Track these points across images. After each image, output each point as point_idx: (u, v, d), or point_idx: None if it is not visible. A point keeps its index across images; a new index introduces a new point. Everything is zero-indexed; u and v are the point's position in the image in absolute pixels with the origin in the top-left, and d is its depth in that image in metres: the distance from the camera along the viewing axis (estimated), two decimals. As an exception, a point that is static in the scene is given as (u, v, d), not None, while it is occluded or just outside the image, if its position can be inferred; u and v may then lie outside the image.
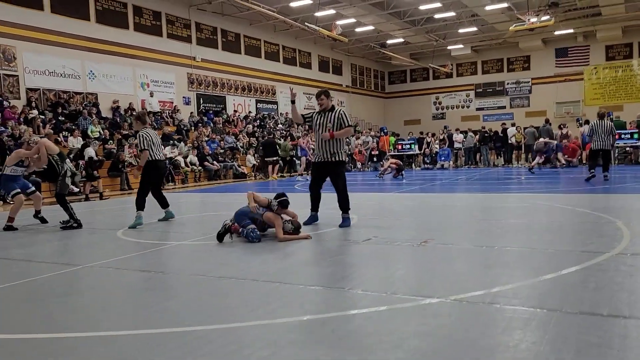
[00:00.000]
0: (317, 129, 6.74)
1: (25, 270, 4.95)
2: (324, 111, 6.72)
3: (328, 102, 6.71)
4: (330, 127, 6.58)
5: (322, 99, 6.70)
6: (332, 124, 6.60)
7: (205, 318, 3.24)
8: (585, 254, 4.46)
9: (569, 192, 10.57)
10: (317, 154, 6.82)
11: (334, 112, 6.69)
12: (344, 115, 6.71)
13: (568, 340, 2.59)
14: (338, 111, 6.74)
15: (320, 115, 6.74)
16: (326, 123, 6.62)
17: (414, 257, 4.79)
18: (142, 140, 7.73)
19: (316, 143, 6.84)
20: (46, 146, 7.83)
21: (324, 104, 6.69)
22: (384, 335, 2.79)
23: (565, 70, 33.37)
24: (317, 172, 6.91)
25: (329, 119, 6.64)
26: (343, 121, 6.66)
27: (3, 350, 2.86)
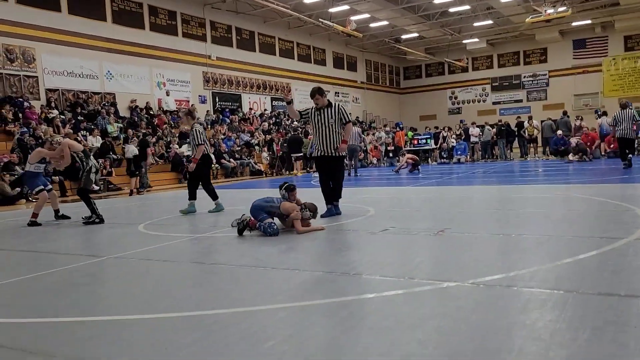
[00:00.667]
0: (317, 125, 6.91)
1: (51, 261, 5.09)
2: (321, 108, 6.89)
3: (323, 100, 6.90)
4: (332, 123, 6.80)
5: (317, 98, 6.85)
6: (333, 119, 6.81)
7: (228, 303, 3.33)
8: (604, 239, 4.46)
9: (588, 183, 10.48)
10: (319, 149, 6.97)
11: (333, 108, 6.88)
12: (343, 110, 6.94)
13: (585, 319, 2.63)
14: (337, 106, 6.94)
15: (319, 112, 6.90)
16: (327, 119, 6.82)
17: (431, 246, 4.83)
18: (198, 135, 8.26)
19: (317, 139, 6.98)
20: (70, 145, 8.05)
21: (320, 102, 6.87)
22: (403, 317, 2.85)
23: (583, 62, 32.97)
24: (324, 166, 7.08)
25: (329, 115, 6.83)
26: (343, 116, 6.90)
27: (35, 333, 2.97)
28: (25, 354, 2.63)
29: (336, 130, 6.86)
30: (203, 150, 8.27)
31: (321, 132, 6.89)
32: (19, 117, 15.95)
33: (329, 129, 6.84)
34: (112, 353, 2.54)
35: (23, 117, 15.98)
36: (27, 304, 3.64)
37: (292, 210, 5.80)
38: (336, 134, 6.85)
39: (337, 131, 6.86)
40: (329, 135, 6.85)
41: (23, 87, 17.15)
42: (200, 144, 8.25)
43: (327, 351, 2.43)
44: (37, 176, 8.33)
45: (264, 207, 5.91)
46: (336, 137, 6.86)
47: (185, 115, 8.81)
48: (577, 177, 12.10)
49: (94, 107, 18.81)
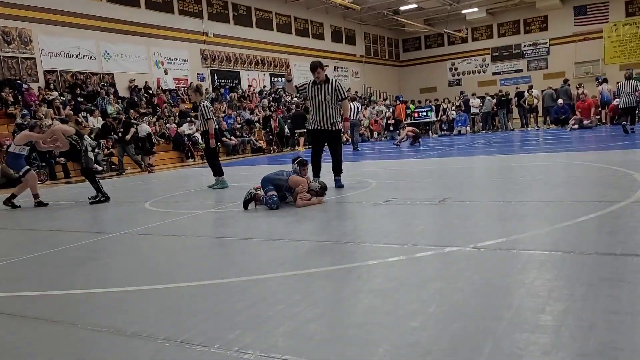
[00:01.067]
0: (314, 100, 7.00)
1: (62, 239, 5.22)
2: (320, 83, 6.98)
3: (323, 74, 7.01)
4: (329, 98, 6.93)
5: (319, 72, 6.94)
6: (330, 95, 6.94)
7: (237, 272, 3.45)
8: (601, 203, 4.57)
9: (587, 150, 10.56)
10: (316, 123, 7.08)
11: (331, 84, 7.00)
12: (340, 87, 7.08)
13: (581, 277, 2.74)
14: (334, 82, 7.05)
15: (317, 86, 7.00)
16: (324, 94, 6.95)
17: (433, 214, 4.94)
18: (206, 110, 8.42)
19: (314, 112, 7.08)
20: (63, 131, 8.11)
21: (320, 76, 6.96)
22: (407, 279, 2.97)
23: (584, 29, 32.59)
24: (319, 140, 7.20)
25: (327, 90, 6.95)
26: (340, 93, 7.04)
27: (55, 305, 3.11)
28: (48, 323, 2.76)
29: (333, 106, 6.99)
30: (213, 124, 8.44)
31: (318, 106, 7.01)
32: (18, 100, 15.97)
33: (326, 104, 6.97)
34: (130, 321, 2.67)
35: (23, 99, 15.99)
36: (44, 278, 3.77)
37: (300, 183, 5.87)
38: (333, 109, 7.00)
39: (333, 106, 7.00)
40: (326, 109, 6.98)
41: (21, 69, 17.11)
42: (209, 118, 8.41)
43: (334, 311, 2.55)
44: (20, 157, 8.31)
45: (272, 180, 6.00)
46: (333, 112, 7.00)
47: (194, 92, 8.92)
48: (577, 145, 12.16)
49: (93, 88, 18.79)
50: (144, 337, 2.43)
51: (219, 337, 2.35)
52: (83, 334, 2.56)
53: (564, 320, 2.22)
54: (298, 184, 5.88)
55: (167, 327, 2.53)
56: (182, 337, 2.39)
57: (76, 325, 2.68)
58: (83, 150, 8.08)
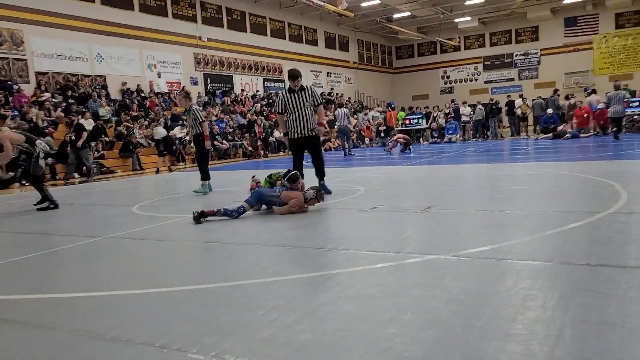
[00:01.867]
0: (292, 108, 7.11)
1: (47, 242, 5.23)
2: (296, 91, 7.12)
3: (300, 82, 7.19)
4: (307, 105, 7.10)
5: (299, 80, 7.12)
6: (309, 102, 7.11)
7: (220, 277, 3.49)
8: (582, 213, 4.64)
9: (574, 161, 10.68)
10: (295, 131, 7.17)
11: (307, 91, 7.17)
12: (316, 93, 7.30)
13: (554, 286, 2.80)
14: (310, 89, 7.24)
15: (294, 94, 7.12)
16: (303, 101, 7.09)
17: (418, 222, 5.00)
18: (199, 114, 8.61)
19: (293, 121, 7.15)
20: (10, 139, 7.55)
21: (299, 84, 7.13)
22: (386, 286, 3.02)
23: (575, 40, 33.00)
24: (299, 147, 7.30)
25: (305, 97, 7.11)
26: (316, 99, 7.22)
27: (36, 309, 3.12)
28: (28, 328, 2.78)
29: (310, 112, 7.16)
30: (207, 127, 8.65)
31: (298, 114, 7.13)
32: (9, 101, 15.90)
33: (305, 111, 7.11)
34: (110, 325, 2.69)
35: (13, 100, 15.93)
36: (27, 281, 3.78)
37: (294, 197, 5.74)
38: (310, 116, 7.16)
39: (311, 113, 7.16)
40: (306, 116, 7.12)
41: (12, 71, 17.06)
42: (203, 121, 8.60)
43: (311, 317, 2.59)
44: None
45: (263, 196, 5.92)
46: (312, 118, 7.18)
47: (184, 98, 8.87)
48: (564, 155, 12.30)
49: (85, 90, 18.75)
50: (122, 342, 2.46)
51: (197, 342, 2.38)
52: (62, 339, 2.58)
53: (533, 329, 2.27)
54: (291, 198, 5.78)
55: (147, 331, 2.56)
56: (161, 341, 2.42)
57: (56, 329, 2.70)
58: (34, 157, 7.66)
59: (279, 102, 7.27)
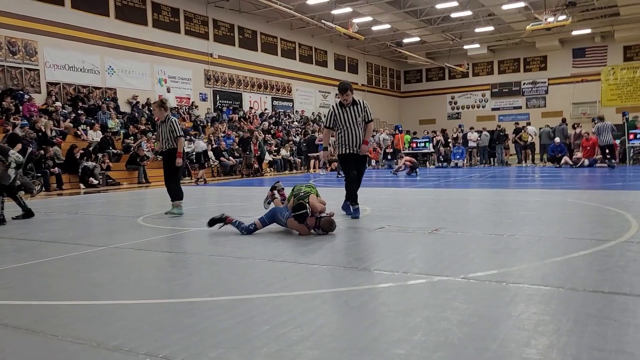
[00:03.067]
0: (343, 123, 6.70)
1: (51, 250, 5.19)
2: (347, 105, 6.69)
3: (352, 96, 6.73)
4: (359, 121, 6.68)
5: (348, 94, 6.65)
6: (361, 117, 6.70)
7: (225, 291, 3.43)
8: (592, 241, 4.58)
9: (582, 189, 10.61)
10: (346, 147, 6.75)
11: (359, 105, 6.73)
12: (368, 108, 6.82)
13: (568, 312, 2.73)
14: (362, 103, 6.78)
15: (345, 109, 6.70)
16: (355, 116, 6.68)
17: (425, 243, 4.94)
18: (177, 128, 7.69)
19: (344, 136, 6.74)
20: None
21: (349, 99, 6.67)
22: (395, 306, 2.96)
23: (582, 71, 33.16)
24: (351, 163, 6.84)
25: (357, 112, 6.68)
26: (367, 114, 6.78)
27: (37, 315, 3.07)
28: (29, 333, 2.72)
29: (362, 128, 6.74)
30: (183, 143, 7.75)
31: (349, 130, 6.69)
32: (19, 109, 16.02)
33: (357, 127, 6.69)
34: (112, 334, 2.64)
35: (23, 109, 16.04)
36: (29, 288, 3.73)
37: (300, 229, 5.52)
38: (362, 132, 6.74)
39: (363, 128, 6.75)
40: (357, 132, 6.70)
41: (24, 80, 17.22)
42: (180, 136, 7.67)
43: (318, 334, 2.53)
44: None
45: (275, 216, 5.74)
46: (362, 134, 6.75)
47: (158, 107, 7.88)
48: (571, 183, 12.23)
49: (95, 102, 18.89)
50: (125, 352, 2.40)
51: (201, 355, 2.32)
52: (63, 346, 2.53)
53: (548, 354, 2.20)
54: (295, 228, 5.58)
55: (150, 342, 2.50)
56: (164, 352, 2.36)
57: (57, 336, 2.65)
58: (6, 165, 7.44)
59: (329, 115, 6.87)
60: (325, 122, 7.05)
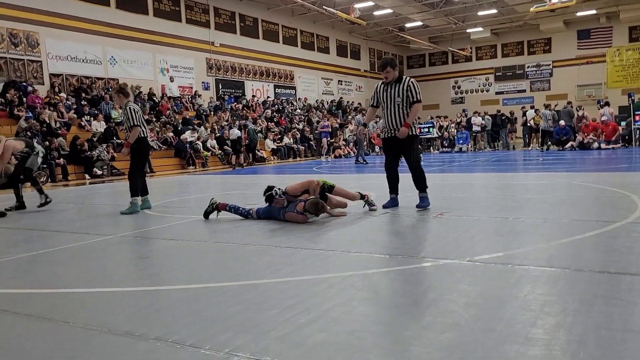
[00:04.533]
0: (384, 102, 6.15)
1: (59, 239, 5.23)
2: (390, 82, 6.09)
3: (394, 73, 6.05)
4: (399, 100, 6.01)
5: (388, 70, 6.02)
6: (401, 97, 6.00)
7: (232, 277, 3.46)
8: (598, 223, 4.58)
9: (588, 172, 10.58)
10: (387, 129, 6.20)
11: (402, 84, 6.03)
12: (413, 87, 6.02)
13: (574, 293, 2.75)
14: (406, 82, 6.04)
15: (387, 87, 6.12)
16: (394, 96, 6.04)
17: (430, 227, 4.95)
18: (133, 115, 6.88)
19: (384, 117, 6.21)
20: (13, 147, 7.55)
21: (390, 75, 6.04)
22: (401, 289, 2.98)
23: (587, 53, 32.83)
24: (390, 149, 6.30)
25: (397, 91, 6.02)
26: (411, 94, 5.99)
27: (48, 302, 3.11)
28: (40, 321, 2.76)
29: (404, 109, 6.03)
30: (139, 132, 6.94)
31: (388, 110, 6.10)
32: (23, 101, 16.05)
33: (395, 107, 6.04)
34: (122, 320, 2.67)
35: (27, 101, 16.07)
36: (39, 277, 3.77)
37: (297, 219, 5.46)
38: (404, 113, 6.03)
39: (404, 110, 6.03)
40: (396, 113, 6.04)
41: (27, 72, 17.22)
42: (135, 125, 6.87)
43: (326, 317, 2.55)
44: None
45: (270, 213, 5.71)
46: (404, 116, 6.03)
47: (117, 93, 7.18)
48: (577, 166, 12.19)
49: (98, 93, 18.89)
50: (135, 337, 2.43)
51: (211, 339, 2.35)
52: (75, 332, 2.56)
53: (555, 334, 2.22)
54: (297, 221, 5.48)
55: (159, 327, 2.53)
56: (174, 337, 2.39)
57: (69, 323, 2.68)
58: (34, 153, 7.67)
59: (373, 92, 6.40)
60: (371, 100, 6.51)
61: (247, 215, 5.80)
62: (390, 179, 6.40)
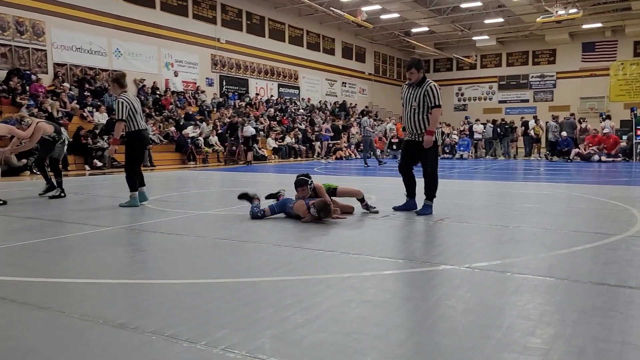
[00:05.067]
0: (405, 104, 6.05)
1: (57, 229, 5.22)
2: (413, 84, 5.98)
3: (418, 75, 5.90)
4: (415, 105, 5.89)
5: (412, 72, 5.89)
6: (417, 101, 5.87)
7: (230, 273, 3.45)
8: (598, 234, 4.57)
9: (588, 183, 10.57)
10: (406, 132, 6.11)
11: (422, 87, 5.87)
12: (431, 91, 5.83)
13: (573, 303, 2.73)
14: (425, 86, 5.87)
15: (410, 88, 6.01)
16: (411, 100, 5.92)
17: (430, 232, 4.94)
18: (119, 108, 6.65)
19: (404, 119, 6.12)
20: (44, 131, 7.73)
21: (414, 77, 5.90)
22: (400, 292, 2.97)
23: (591, 65, 32.88)
24: (408, 151, 6.20)
25: (415, 95, 5.89)
26: (430, 98, 5.83)
27: (44, 291, 3.09)
28: (36, 309, 2.74)
29: (420, 114, 5.90)
30: (124, 126, 6.78)
31: (407, 112, 6.01)
32: (26, 90, 16.03)
33: (411, 110, 5.93)
34: (118, 312, 2.66)
35: (30, 89, 16.05)
36: (36, 266, 3.75)
37: (301, 210, 5.53)
38: (421, 117, 5.90)
39: (421, 114, 5.89)
40: (412, 116, 5.93)
41: (32, 60, 17.20)
42: (118, 120, 6.69)
43: (324, 318, 2.54)
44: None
45: (284, 206, 5.77)
46: (421, 120, 5.90)
47: (112, 82, 7.02)
48: (578, 177, 12.18)
49: (101, 84, 18.87)
50: (131, 329, 2.42)
51: (207, 335, 2.34)
52: (71, 322, 2.54)
53: (553, 344, 2.21)
54: (300, 211, 5.54)
55: (156, 321, 2.52)
56: (169, 331, 2.38)
57: (64, 313, 2.67)
58: (60, 142, 7.89)
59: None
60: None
61: (258, 216, 5.69)
62: (405, 182, 6.37)
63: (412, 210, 6.18)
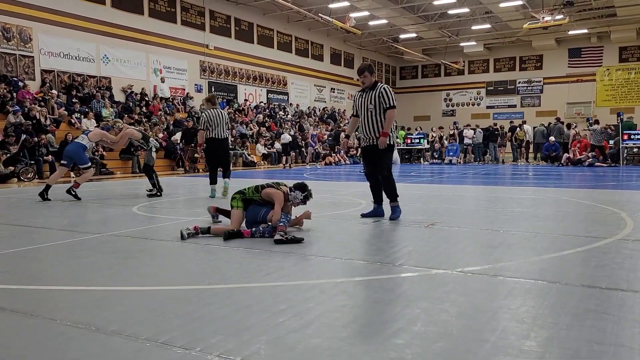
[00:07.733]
0: (360, 109, 6.05)
1: (48, 236, 5.15)
2: (365, 89, 6.00)
3: (370, 79, 5.95)
4: (371, 108, 5.89)
5: (366, 75, 5.93)
6: (372, 104, 5.88)
7: (223, 279, 3.42)
8: (588, 238, 4.61)
9: (577, 187, 10.67)
10: (363, 137, 6.09)
11: (375, 90, 5.90)
12: (385, 93, 5.87)
13: (566, 307, 2.75)
14: (379, 89, 5.91)
15: (362, 94, 6.04)
16: (367, 103, 5.92)
17: (421, 237, 4.94)
18: (200, 121, 8.72)
19: (361, 125, 6.08)
20: (131, 134, 8.96)
21: (367, 81, 5.94)
22: (393, 297, 2.96)
23: (578, 71, 33.25)
24: (368, 157, 6.20)
25: (369, 98, 5.91)
26: (384, 99, 5.86)
27: (35, 299, 3.05)
28: (26, 317, 2.70)
29: (377, 116, 5.90)
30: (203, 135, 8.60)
31: (363, 117, 5.99)
32: (13, 97, 15.87)
33: (368, 115, 5.92)
34: (111, 319, 2.63)
35: (17, 96, 15.89)
36: (26, 273, 3.70)
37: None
38: (377, 121, 5.91)
39: (378, 117, 5.90)
40: (369, 121, 5.93)
41: (19, 67, 17.04)
42: (199, 129, 8.82)
43: (318, 323, 2.53)
44: (85, 152, 8.73)
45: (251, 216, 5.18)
46: (377, 123, 5.91)
47: (206, 102, 9.03)
48: (566, 182, 12.29)
49: (89, 91, 18.74)
50: (124, 336, 2.39)
51: (201, 341, 2.32)
52: (62, 329, 2.51)
53: (548, 347, 2.22)
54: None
55: (149, 327, 2.49)
56: (164, 338, 2.35)
57: (55, 320, 2.63)
58: (149, 149, 9.10)
59: (353, 102, 6.28)
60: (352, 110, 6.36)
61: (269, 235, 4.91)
62: (372, 188, 6.31)
63: (382, 217, 6.09)
